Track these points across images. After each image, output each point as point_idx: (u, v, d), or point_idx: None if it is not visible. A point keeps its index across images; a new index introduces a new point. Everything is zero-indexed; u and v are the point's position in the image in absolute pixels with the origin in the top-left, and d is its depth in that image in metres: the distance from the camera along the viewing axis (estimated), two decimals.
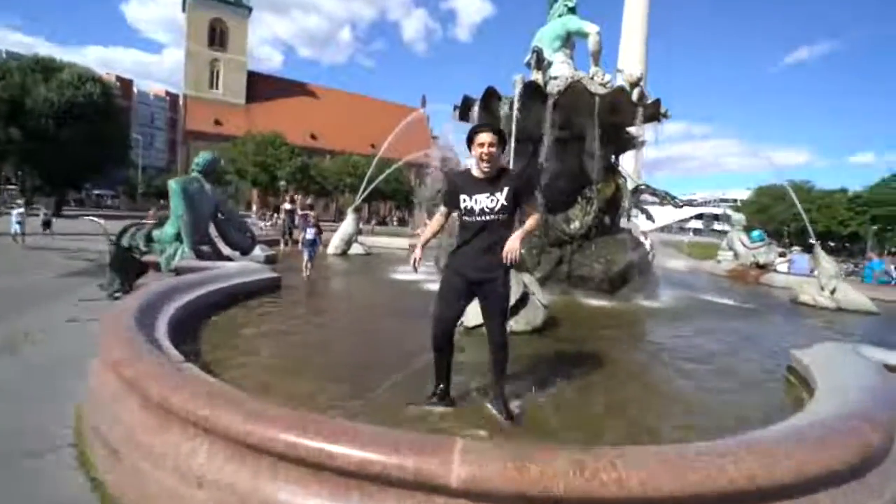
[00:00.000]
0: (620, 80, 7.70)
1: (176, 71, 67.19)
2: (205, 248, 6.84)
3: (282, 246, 11.95)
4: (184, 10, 64.41)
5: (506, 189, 2.56)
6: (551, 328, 5.00)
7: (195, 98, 62.51)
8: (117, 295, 6.11)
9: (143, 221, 6.83)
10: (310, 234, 8.00)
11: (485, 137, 2.55)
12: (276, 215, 22.39)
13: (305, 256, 7.82)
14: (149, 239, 6.64)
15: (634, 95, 7.45)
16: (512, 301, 4.67)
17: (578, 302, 6.87)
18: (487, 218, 2.57)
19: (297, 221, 12.65)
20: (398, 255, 12.94)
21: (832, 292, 8.12)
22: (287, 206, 12.68)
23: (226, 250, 7.69)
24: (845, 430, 2.11)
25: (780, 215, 52.66)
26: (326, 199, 57.31)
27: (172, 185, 6.38)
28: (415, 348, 3.60)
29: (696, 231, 68.96)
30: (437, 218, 2.87)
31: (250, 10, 67.89)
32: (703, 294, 8.78)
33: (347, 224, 11.85)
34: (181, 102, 64.08)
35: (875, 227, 48.63)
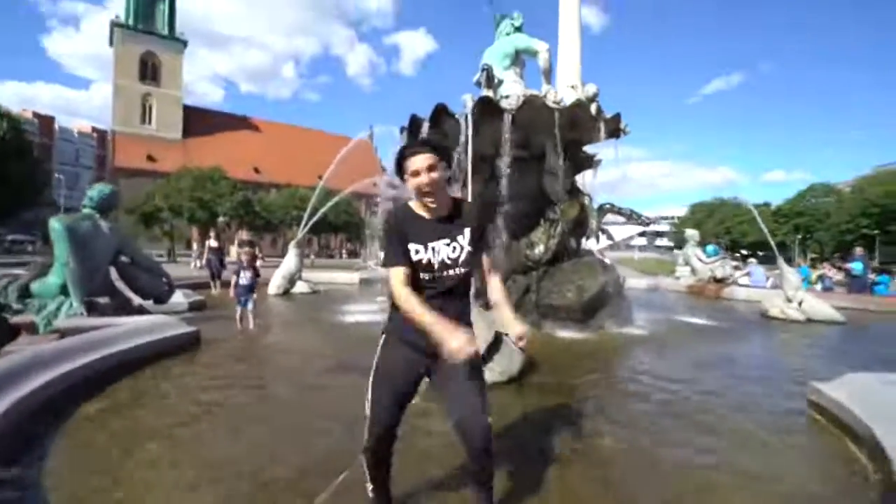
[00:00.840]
0: (576, 96, 7.31)
1: (105, 107, 63.07)
2: (102, 300, 5.55)
3: (212, 290, 10.44)
4: (111, 44, 61.08)
5: (467, 231, 1.82)
6: (529, 374, 4.20)
7: (125, 134, 58.67)
8: None
9: (18, 273, 5.45)
10: (244, 278, 6.34)
11: (419, 161, 1.74)
12: (200, 252, 19.24)
13: (239, 308, 6.36)
14: (25, 293, 5.28)
15: (593, 110, 7.08)
16: (483, 348, 3.87)
17: (552, 335, 6.14)
18: (451, 272, 1.80)
19: (225, 261, 11.25)
20: (347, 291, 11.85)
21: (800, 304, 7.93)
22: (212, 242, 11.03)
23: (137, 300, 6.40)
24: None
25: (713, 229, 55.91)
26: (273, 234, 54.73)
27: (55, 224, 5.12)
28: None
29: (642, 248, 71.90)
30: (402, 287, 1.75)
31: (185, 43, 65.52)
32: (675, 315, 8.38)
33: (289, 260, 10.67)
34: (109, 138, 59.90)
35: (798, 236, 52.66)
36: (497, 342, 4.09)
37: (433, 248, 1.78)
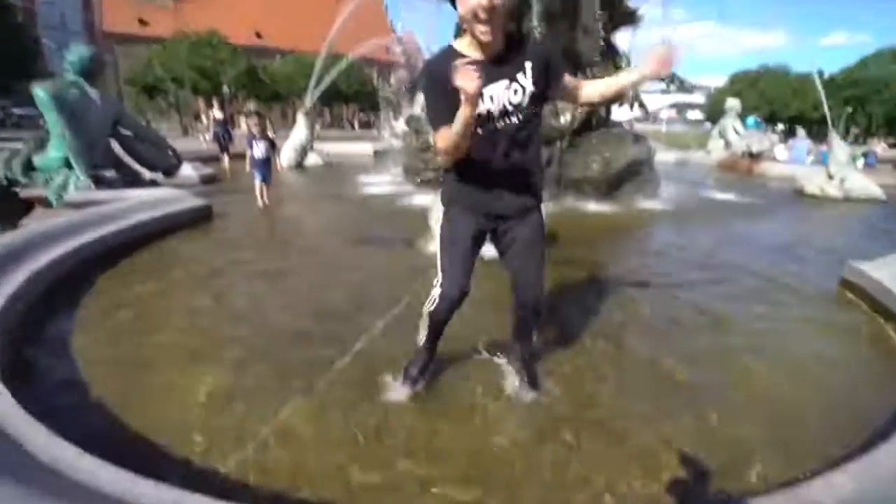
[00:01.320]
0: None
1: None
2: (108, 173, 5.38)
3: (222, 162, 10.04)
4: None
5: (528, 66, 1.52)
6: (549, 247, 4.06)
7: None
8: None
9: (16, 147, 5.22)
10: (259, 150, 5.82)
11: None
12: (206, 126, 18.16)
13: (257, 182, 5.84)
14: (28, 167, 5.13)
15: None
16: None
17: (575, 209, 5.92)
18: (513, 121, 1.56)
19: (232, 133, 10.74)
20: (361, 163, 11.47)
21: (842, 181, 7.40)
22: (217, 113, 10.47)
23: (147, 174, 6.24)
24: None
25: (754, 101, 51.37)
26: (282, 105, 52.40)
27: (39, 92, 4.71)
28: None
29: (671, 121, 67.44)
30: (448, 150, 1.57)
31: None
32: (703, 190, 7.98)
33: (299, 130, 10.17)
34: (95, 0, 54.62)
35: (849, 109, 48.24)
36: None
37: (490, 96, 1.51)
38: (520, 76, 1.52)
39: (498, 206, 1.68)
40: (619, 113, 8.45)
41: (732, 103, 12.35)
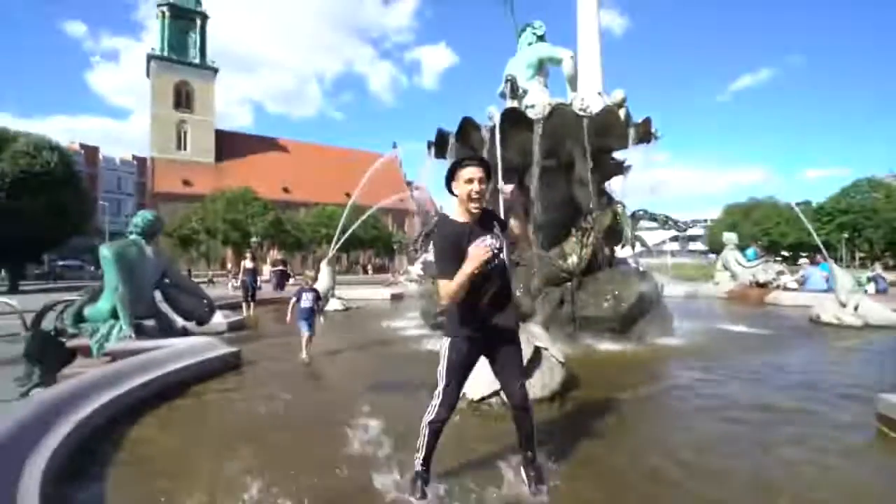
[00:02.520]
0: (604, 103, 7.21)
1: (143, 136, 66.40)
2: (149, 323, 5.76)
3: (244, 311, 10.54)
4: (148, 75, 64.55)
5: (496, 229, 2.24)
6: (570, 390, 4.08)
7: (162, 160, 61.66)
8: (38, 391, 4.94)
9: (73, 298, 5.72)
10: (306, 300, 5.66)
11: (473, 172, 2.15)
12: (232, 274, 20.49)
13: (304, 332, 5.60)
14: (79, 318, 5.53)
15: (622, 116, 6.96)
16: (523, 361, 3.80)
17: (590, 348, 5.99)
18: (496, 264, 2.16)
19: (259, 282, 11.53)
20: (379, 307, 11.92)
21: (855, 308, 7.47)
22: (248, 263, 11.20)
23: (180, 321, 6.62)
24: None
25: (749, 230, 53.69)
26: (304, 252, 55.98)
27: (105, 252, 5.37)
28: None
29: (674, 253, 69.70)
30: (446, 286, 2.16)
31: (216, 71, 68.55)
32: (718, 323, 8.05)
33: (323, 278, 10.85)
34: (149, 165, 62.98)
35: (845, 235, 49.97)
36: (537, 356, 4.01)
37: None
38: (497, 231, 2.22)
39: (486, 331, 2.21)
40: (624, 251, 9.05)
41: (729, 236, 13.09)
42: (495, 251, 2.09)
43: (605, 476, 2.56)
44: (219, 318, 7.68)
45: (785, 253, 51.56)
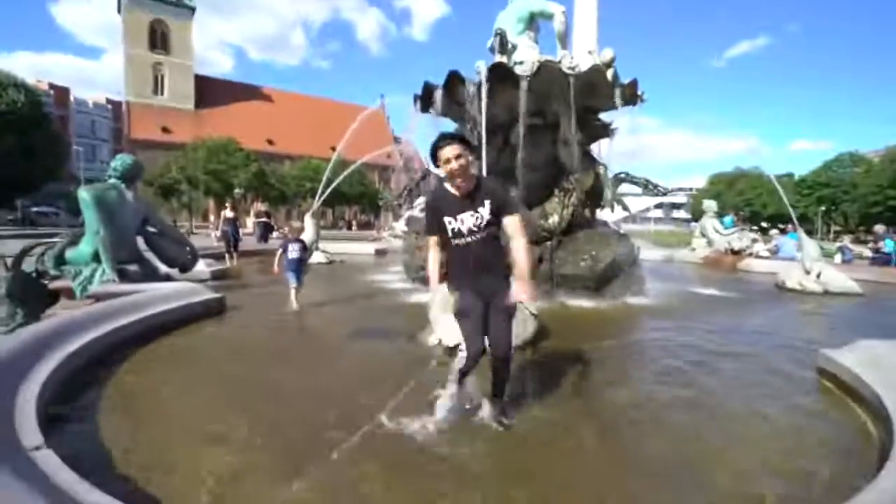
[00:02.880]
0: (592, 62, 7.14)
1: (117, 78, 63.00)
2: (131, 267, 5.79)
3: (228, 262, 10.42)
4: (119, 11, 60.51)
5: (487, 203, 2.41)
6: (542, 340, 4.32)
7: (139, 105, 59.02)
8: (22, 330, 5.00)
9: (53, 240, 5.68)
10: (293, 251, 5.69)
11: (449, 151, 2.36)
12: (214, 226, 20.25)
13: (292, 283, 5.66)
14: (60, 261, 5.53)
15: (609, 76, 6.92)
16: None
17: (565, 305, 6.25)
18: (477, 237, 2.42)
19: (241, 233, 11.47)
20: (363, 261, 12.04)
21: (818, 276, 7.87)
22: (229, 213, 11.07)
23: (163, 268, 6.65)
24: None
25: (732, 201, 54.62)
26: (288, 206, 55.20)
27: (83, 194, 5.31)
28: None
29: (658, 220, 70.76)
30: (433, 249, 2.59)
31: (193, 10, 64.58)
32: (689, 286, 8.40)
33: (307, 230, 10.86)
34: (124, 110, 60.22)
35: (822, 208, 51.20)
36: None
37: (461, 219, 2.40)
38: (480, 209, 2.39)
39: (479, 289, 2.45)
40: (606, 214, 9.24)
41: (709, 204, 13.38)
42: (468, 225, 2.38)
43: (572, 408, 2.85)
44: (202, 267, 7.71)
45: (765, 224, 52.81)
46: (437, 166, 2.47)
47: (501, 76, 6.55)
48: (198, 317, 4.73)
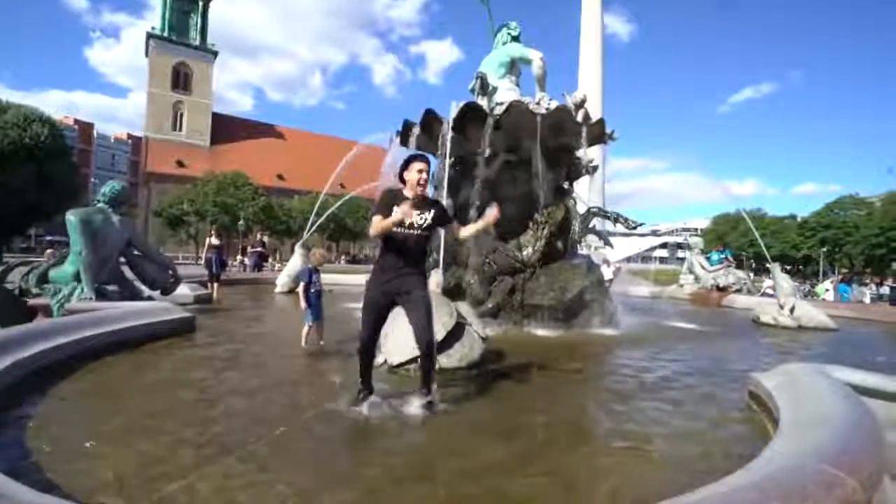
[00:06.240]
0: (567, 102, 7.55)
1: (140, 115, 65.96)
2: (111, 287, 6.05)
3: (209, 289, 9.75)
4: (147, 54, 64.11)
5: (432, 211, 3.00)
6: (492, 362, 4.44)
7: (157, 140, 61.37)
8: None
9: (39, 261, 5.99)
10: (315, 283, 4.96)
11: (420, 165, 3.01)
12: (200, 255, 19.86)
13: (309, 322, 4.91)
14: (43, 280, 5.81)
15: (579, 116, 7.29)
16: (443, 334, 4.13)
17: (530, 333, 6.36)
18: (416, 232, 2.95)
19: (226, 261, 11.57)
20: (354, 291, 12.19)
21: (791, 311, 7.90)
22: (213, 240, 10.41)
23: (147, 291, 6.90)
24: (816, 481, 1.61)
25: (736, 241, 54.50)
26: (294, 239, 55.99)
27: (70, 217, 5.64)
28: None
29: (662, 259, 70.62)
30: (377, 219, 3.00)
31: (216, 54, 68.19)
32: (666, 319, 8.44)
33: (295, 260, 11.16)
34: (143, 144, 62.64)
35: (825, 250, 50.86)
36: (459, 330, 4.35)
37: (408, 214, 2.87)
38: (426, 213, 2.97)
39: (399, 284, 2.93)
40: (605, 249, 9.35)
41: (694, 241, 13.56)
42: (414, 221, 2.89)
43: (497, 412, 3.12)
44: (185, 290, 7.96)
45: (769, 264, 52.34)
46: (403, 180, 3.06)
47: (474, 115, 6.94)
48: (165, 334, 4.92)
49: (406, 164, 3.05)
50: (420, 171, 2.99)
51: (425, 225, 2.96)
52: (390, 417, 2.86)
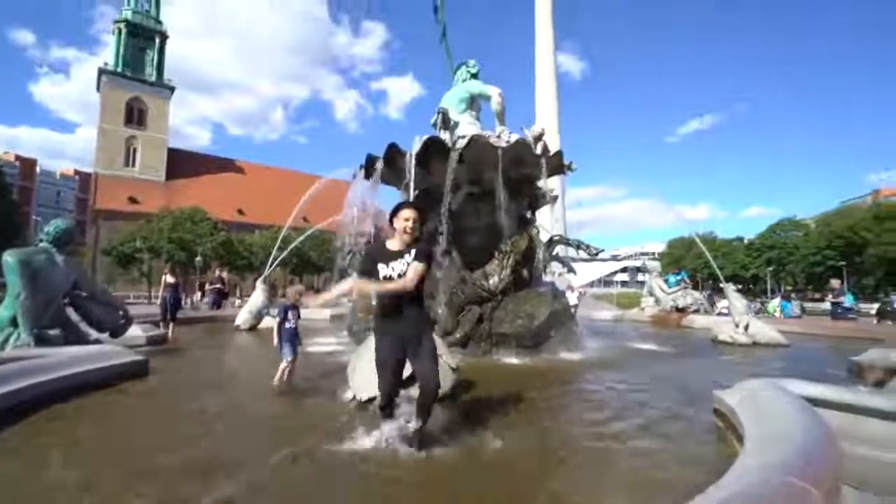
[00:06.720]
0: (526, 135, 7.84)
1: (90, 150, 63.34)
2: (54, 332, 5.60)
3: (162, 329, 9.17)
4: (98, 89, 62.25)
5: (413, 252, 2.96)
6: (462, 393, 4.37)
7: (107, 176, 58.87)
8: None
9: None
10: (290, 321, 4.80)
11: (408, 213, 3.01)
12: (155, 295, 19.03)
13: (287, 356, 4.73)
14: None
15: (538, 148, 7.58)
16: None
17: (499, 362, 6.34)
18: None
19: (182, 300, 11.02)
20: (317, 327, 11.84)
21: (746, 328, 8.27)
22: (169, 278, 9.97)
23: (94, 334, 6.43)
24: (784, 493, 1.65)
25: (691, 264, 57.16)
26: (255, 275, 54.21)
27: (7, 258, 5.24)
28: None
29: (623, 283, 72.83)
30: (349, 281, 3.12)
31: (173, 90, 67.02)
32: (629, 342, 8.64)
33: (256, 296, 10.79)
34: (92, 181, 59.86)
35: (770, 269, 54.14)
36: None
37: (391, 267, 2.94)
38: (407, 256, 2.94)
39: (403, 331, 2.93)
40: (569, 276, 9.51)
41: (653, 265, 14.14)
42: (399, 272, 2.90)
43: (467, 443, 3.06)
44: (137, 332, 7.49)
45: (721, 284, 55.07)
46: (392, 223, 3.06)
47: (436, 149, 7.09)
48: (114, 380, 4.58)
49: (395, 212, 3.05)
50: (406, 220, 2.98)
51: (406, 270, 2.94)
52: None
